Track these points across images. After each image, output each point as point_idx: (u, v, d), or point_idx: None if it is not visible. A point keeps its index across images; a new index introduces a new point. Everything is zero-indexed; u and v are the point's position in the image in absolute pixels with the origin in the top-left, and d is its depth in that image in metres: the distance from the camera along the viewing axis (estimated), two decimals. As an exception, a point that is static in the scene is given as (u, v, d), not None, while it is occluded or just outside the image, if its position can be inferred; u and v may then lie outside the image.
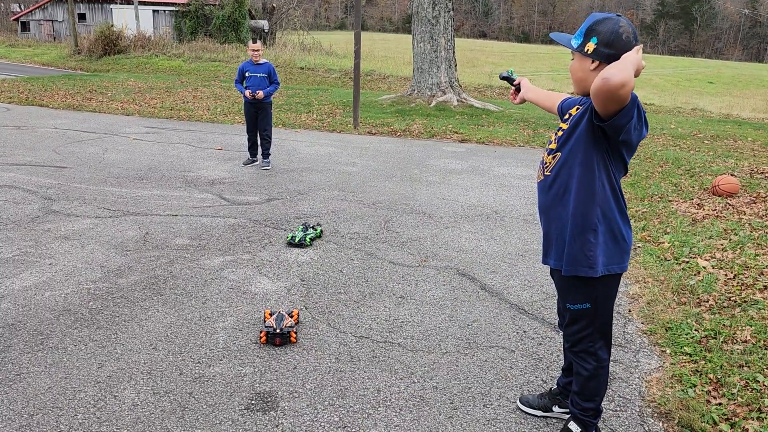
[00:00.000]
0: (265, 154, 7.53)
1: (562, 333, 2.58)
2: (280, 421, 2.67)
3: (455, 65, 14.06)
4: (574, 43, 2.14)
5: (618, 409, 2.82)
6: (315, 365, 3.13)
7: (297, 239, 4.77)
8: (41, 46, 33.62)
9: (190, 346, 3.27)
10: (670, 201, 6.33)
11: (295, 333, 3.34)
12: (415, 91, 14.00)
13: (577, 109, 2.28)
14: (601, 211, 2.19)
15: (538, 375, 3.08)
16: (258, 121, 7.39)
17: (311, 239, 4.84)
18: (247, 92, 7.11)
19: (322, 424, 2.66)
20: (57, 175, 6.76)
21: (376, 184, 6.89)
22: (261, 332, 3.31)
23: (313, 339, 3.39)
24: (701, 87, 31.27)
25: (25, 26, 38.86)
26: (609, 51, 2.02)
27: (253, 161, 7.65)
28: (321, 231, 5.03)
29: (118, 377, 2.96)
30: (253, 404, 2.79)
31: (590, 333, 2.35)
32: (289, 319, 3.41)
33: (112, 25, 27.80)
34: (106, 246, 4.68)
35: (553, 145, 2.30)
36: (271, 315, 3.46)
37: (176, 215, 5.50)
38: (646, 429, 2.67)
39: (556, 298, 2.56)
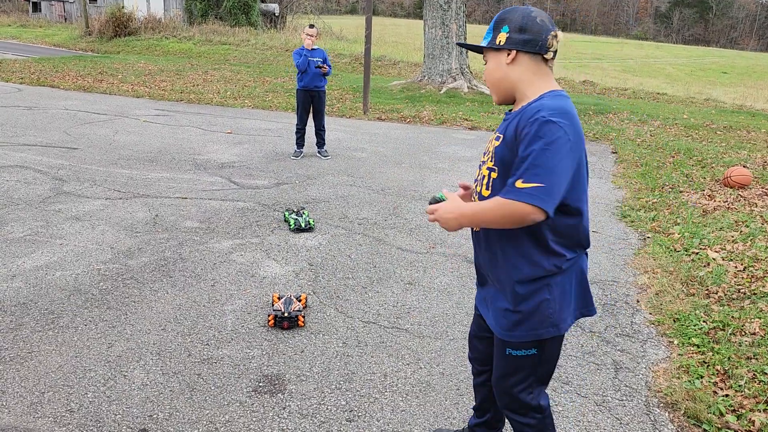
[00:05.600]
0: (322, 143, 7.34)
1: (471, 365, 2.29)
2: (287, 404, 2.69)
3: (466, 52, 13.95)
4: (484, 42, 1.87)
5: (624, 398, 2.82)
6: (322, 349, 3.14)
7: (302, 224, 4.78)
8: (52, 26, 33.64)
9: (198, 328, 3.29)
10: (681, 192, 6.28)
11: (303, 317, 3.36)
12: (426, 77, 13.92)
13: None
14: None
15: (544, 363, 3.08)
16: (313, 110, 7.13)
17: (310, 221, 4.85)
18: (320, 65, 6.81)
19: (329, 407, 2.69)
20: (68, 156, 6.79)
21: (385, 170, 6.88)
22: (269, 315, 3.33)
23: (321, 323, 3.41)
24: (715, 77, 30.91)
25: (36, 7, 38.86)
26: (524, 36, 1.76)
27: (302, 152, 7.37)
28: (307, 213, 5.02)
29: (127, 357, 3.00)
30: (260, 386, 2.81)
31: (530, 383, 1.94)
32: (297, 303, 3.43)
33: (123, 7, 27.73)
34: (117, 227, 4.71)
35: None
36: (279, 299, 3.48)
37: (186, 198, 5.52)
38: (652, 419, 2.68)
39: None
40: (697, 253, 4.55)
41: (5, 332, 3.16)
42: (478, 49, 1.91)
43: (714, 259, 4.42)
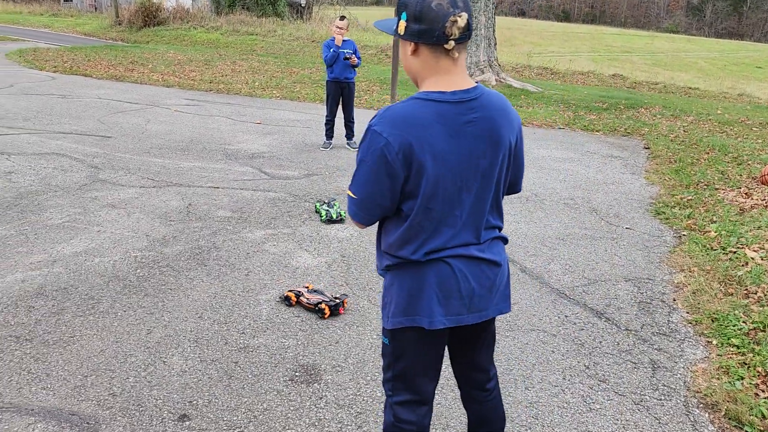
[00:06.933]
0: (351, 135, 7.33)
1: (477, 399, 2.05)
2: (323, 394, 2.72)
3: (495, 44, 13.81)
4: (393, 26, 1.70)
5: (662, 398, 2.79)
6: (357, 341, 3.16)
7: (333, 215, 4.80)
8: (83, 16, 34.10)
9: (234, 317, 3.33)
10: (716, 189, 6.16)
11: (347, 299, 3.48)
12: (453, 70, 13.81)
13: None
14: None
15: (580, 360, 3.06)
16: (342, 101, 7.13)
17: (341, 212, 4.87)
18: (350, 58, 6.78)
19: (365, 398, 2.70)
20: (102, 145, 6.90)
21: (414, 163, 6.85)
22: (323, 306, 3.34)
23: (355, 314, 3.42)
24: (749, 72, 30.14)
25: (67, -4, 39.40)
26: (420, 26, 1.57)
27: (331, 144, 7.37)
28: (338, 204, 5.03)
29: (166, 344, 3.05)
30: (297, 376, 2.84)
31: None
32: (322, 292, 3.51)
33: (152, -3, 27.98)
34: (151, 215, 4.78)
35: None
36: (296, 297, 3.47)
37: (217, 187, 5.57)
38: (692, 419, 2.64)
39: (474, 348, 1.97)
40: (734, 252, 4.46)
41: (48, 316, 3.24)
42: (388, 32, 1.75)
43: (752, 258, 4.33)
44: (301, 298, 3.45)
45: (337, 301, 3.41)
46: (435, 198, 1.64)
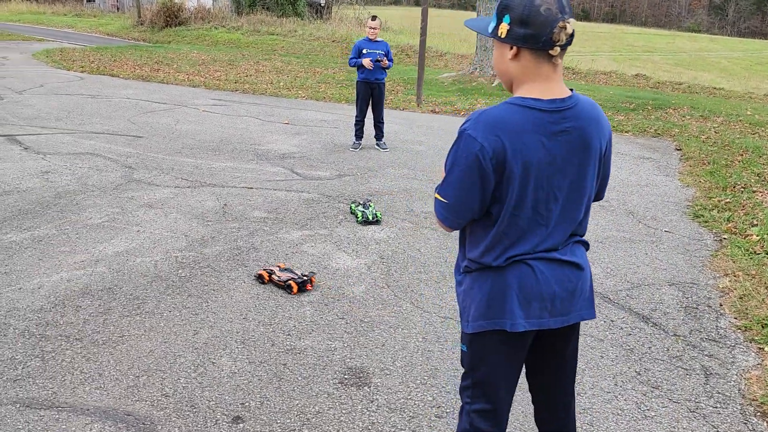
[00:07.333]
0: (380, 135, 7.32)
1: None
2: (375, 397, 2.70)
3: (519, 43, 13.70)
4: (490, 27, 1.66)
5: (718, 406, 2.74)
6: (403, 344, 3.15)
7: (369, 216, 4.79)
8: (105, 16, 34.49)
9: (278, 318, 3.34)
10: (754, 192, 6.05)
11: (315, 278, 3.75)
12: (477, 70, 13.76)
13: None
14: None
15: (630, 366, 3.02)
16: (372, 102, 7.11)
17: (377, 214, 4.86)
18: (365, 61, 6.73)
19: (416, 402, 2.69)
20: (134, 144, 6.96)
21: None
22: (291, 283, 3.60)
23: (399, 317, 3.41)
24: (774, 71, 29.62)
25: (90, -4, 39.89)
26: (526, 31, 1.54)
27: (361, 144, 7.35)
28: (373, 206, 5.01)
29: (213, 345, 3.06)
30: (346, 379, 2.83)
31: None
32: (292, 270, 3.77)
33: (174, -3, 28.21)
34: (188, 216, 4.81)
35: None
36: (269, 275, 3.73)
37: (251, 188, 5.59)
38: (751, 428, 2.59)
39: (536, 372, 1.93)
40: (779, 257, 4.37)
41: (95, 315, 3.27)
42: (483, 33, 1.72)
43: (798, 263, 4.24)
44: (273, 276, 3.69)
45: (305, 278, 3.64)
46: (522, 205, 1.62)
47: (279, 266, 3.81)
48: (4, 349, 2.92)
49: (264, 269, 3.77)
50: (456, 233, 1.89)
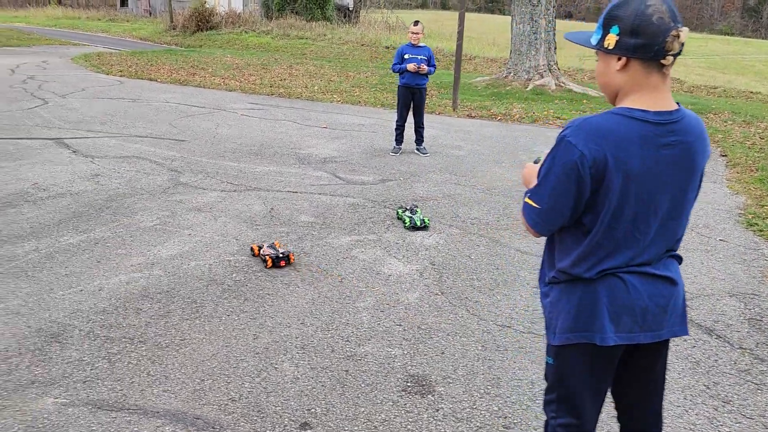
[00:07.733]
0: (420, 140, 7.33)
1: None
2: (439, 406, 2.68)
3: (555, 48, 13.60)
4: (594, 39, 1.64)
5: (794, 422, 2.65)
6: (462, 351, 3.12)
7: (417, 222, 4.77)
8: (138, 21, 35.14)
9: (336, 324, 3.34)
10: (807, 200, 5.89)
11: (293, 254, 4.07)
12: (511, 74, 13.66)
13: None
14: None
15: (698, 379, 2.95)
16: (413, 107, 7.12)
17: (425, 219, 4.84)
18: (410, 66, 6.74)
19: (482, 411, 2.66)
20: (178, 148, 7.05)
21: (485, 169, 6.79)
22: (266, 257, 3.96)
23: (455, 324, 3.38)
24: (813, 75, 28.86)
25: (123, 2, 40.72)
26: (637, 41, 1.51)
27: (401, 149, 7.35)
28: (420, 212, 4.99)
29: (274, 349, 3.07)
30: (409, 386, 2.82)
31: None
32: (276, 248, 4.08)
33: (205, 2, 28.62)
34: (236, 219, 4.85)
35: None
36: (259, 248, 4.12)
37: (296, 192, 5.62)
38: (831, 447, 2.51)
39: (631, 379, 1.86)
40: (841, 268, 4.24)
41: (156, 318, 3.31)
42: (586, 45, 1.69)
43: None
44: (261, 250, 4.09)
45: (281, 255, 3.99)
46: (620, 218, 1.59)
47: (274, 244, 4.15)
48: (71, 350, 2.97)
49: (257, 244, 4.22)
50: (541, 242, 1.87)
